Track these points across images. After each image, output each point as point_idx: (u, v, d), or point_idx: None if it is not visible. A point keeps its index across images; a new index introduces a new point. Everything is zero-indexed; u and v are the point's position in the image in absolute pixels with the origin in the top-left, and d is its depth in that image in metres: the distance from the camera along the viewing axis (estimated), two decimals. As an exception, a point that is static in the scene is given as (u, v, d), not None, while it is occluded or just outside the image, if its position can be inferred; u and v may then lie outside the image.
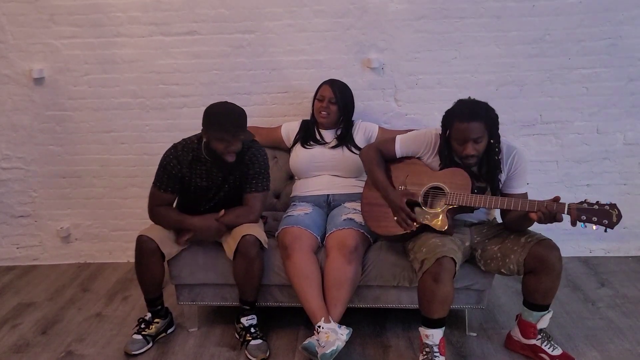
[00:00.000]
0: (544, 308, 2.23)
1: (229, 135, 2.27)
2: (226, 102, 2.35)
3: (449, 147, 2.26)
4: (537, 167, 3.16)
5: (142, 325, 2.49)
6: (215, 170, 2.42)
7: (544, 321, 2.25)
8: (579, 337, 2.45)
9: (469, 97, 2.25)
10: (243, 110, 2.35)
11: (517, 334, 2.33)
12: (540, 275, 2.15)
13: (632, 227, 3.21)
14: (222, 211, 2.43)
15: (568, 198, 3.12)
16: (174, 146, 2.44)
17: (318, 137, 2.80)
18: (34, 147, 3.24)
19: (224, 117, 2.28)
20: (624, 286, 2.91)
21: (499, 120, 2.23)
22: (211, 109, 2.32)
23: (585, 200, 2.04)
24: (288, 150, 2.90)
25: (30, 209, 3.36)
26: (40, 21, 3.03)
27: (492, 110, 2.20)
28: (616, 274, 3.05)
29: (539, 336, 2.27)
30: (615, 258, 3.25)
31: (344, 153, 2.73)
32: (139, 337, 2.46)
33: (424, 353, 2.17)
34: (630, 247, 3.27)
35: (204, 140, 2.36)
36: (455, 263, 2.11)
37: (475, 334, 2.50)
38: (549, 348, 2.25)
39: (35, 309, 2.87)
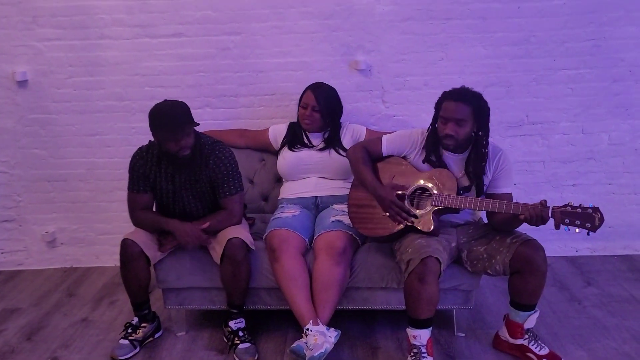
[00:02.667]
0: (531, 308, 2.24)
1: (174, 132, 2.25)
2: (165, 101, 2.34)
3: (435, 140, 2.29)
4: (524, 168, 3.18)
5: (129, 330, 2.47)
6: (177, 174, 2.41)
7: (530, 321, 2.26)
8: (565, 336, 2.47)
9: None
10: (183, 104, 2.33)
11: (504, 334, 2.34)
12: (526, 276, 2.17)
13: (617, 226, 3.24)
14: (207, 223, 2.39)
15: (555, 198, 3.19)
16: (140, 148, 2.46)
17: (305, 140, 2.79)
18: (17, 151, 3.20)
19: (166, 115, 2.27)
20: (609, 285, 2.93)
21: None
22: (153, 110, 2.30)
23: (568, 203, 2.05)
24: (276, 153, 2.89)
25: (15, 214, 3.31)
26: (23, 23, 3.00)
27: (484, 101, 2.24)
28: (602, 273, 3.08)
29: (526, 336, 2.28)
30: (601, 257, 3.28)
31: (331, 155, 2.73)
32: (126, 342, 2.43)
33: (412, 354, 2.17)
34: (616, 246, 3.30)
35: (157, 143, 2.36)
36: (440, 263, 2.12)
37: (463, 334, 2.51)
38: (536, 347, 2.26)
39: (20, 314, 2.83)
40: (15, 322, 2.76)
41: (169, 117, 2.26)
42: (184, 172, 2.40)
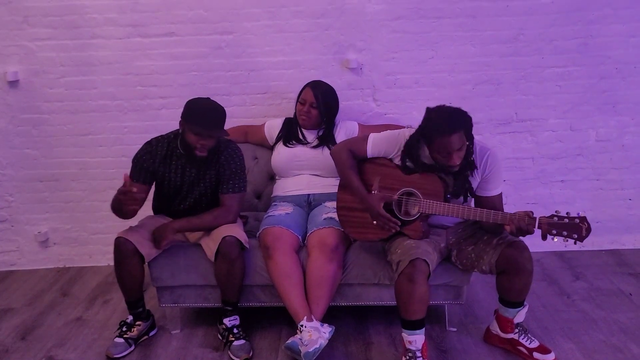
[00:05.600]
0: (519, 304, 2.27)
1: (206, 130, 2.29)
2: (209, 99, 2.38)
3: (417, 151, 2.25)
4: (513, 165, 3.22)
5: (124, 329, 2.48)
6: (189, 166, 2.43)
7: (520, 315, 2.29)
8: (555, 330, 2.51)
9: (439, 105, 2.17)
10: (224, 110, 2.38)
11: (495, 329, 2.37)
12: (512, 276, 2.19)
13: (605, 221, 3.28)
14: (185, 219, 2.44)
15: (543, 194, 3.23)
16: (149, 142, 2.47)
17: (300, 136, 2.81)
18: (9, 151, 3.19)
19: (204, 112, 2.31)
20: (597, 279, 2.98)
21: (476, 119, 2.24)
22: (194, 101, 2.35)
23: (555, 212, 2.04)
24: (270, 149, 2.91)
25: (7, 214, 3.30)
26: (14, 23, 2.99)
27: (466, 113, 2.13)
28: (590, 268, 3.12)
29: (516, 330, 2.32)
30: (589, 252, 3.31)
31: (323, 152, 2.75)
32: (121, 340, 2.44)
33: (407, 358, 2.18)
34: (604, 241, 3.34)
35: (180, 131, 2.39)
36: (429, 265, 2.13)
37: (455, 329, 2.54)
38: (526, 341, 2.30)
39: (14, 314, 2.83)
40: (9, 322, 2.76)
41: (211, 116, 2.31)
42: (195, 165, 2.43)
